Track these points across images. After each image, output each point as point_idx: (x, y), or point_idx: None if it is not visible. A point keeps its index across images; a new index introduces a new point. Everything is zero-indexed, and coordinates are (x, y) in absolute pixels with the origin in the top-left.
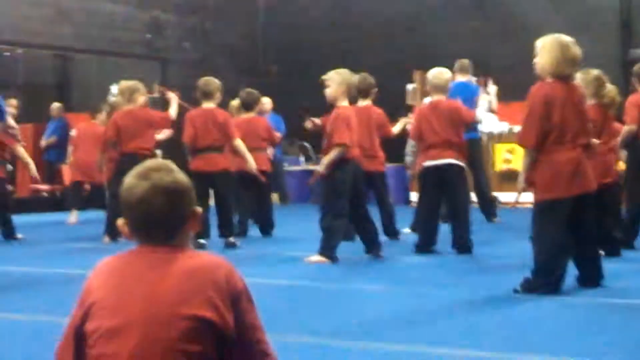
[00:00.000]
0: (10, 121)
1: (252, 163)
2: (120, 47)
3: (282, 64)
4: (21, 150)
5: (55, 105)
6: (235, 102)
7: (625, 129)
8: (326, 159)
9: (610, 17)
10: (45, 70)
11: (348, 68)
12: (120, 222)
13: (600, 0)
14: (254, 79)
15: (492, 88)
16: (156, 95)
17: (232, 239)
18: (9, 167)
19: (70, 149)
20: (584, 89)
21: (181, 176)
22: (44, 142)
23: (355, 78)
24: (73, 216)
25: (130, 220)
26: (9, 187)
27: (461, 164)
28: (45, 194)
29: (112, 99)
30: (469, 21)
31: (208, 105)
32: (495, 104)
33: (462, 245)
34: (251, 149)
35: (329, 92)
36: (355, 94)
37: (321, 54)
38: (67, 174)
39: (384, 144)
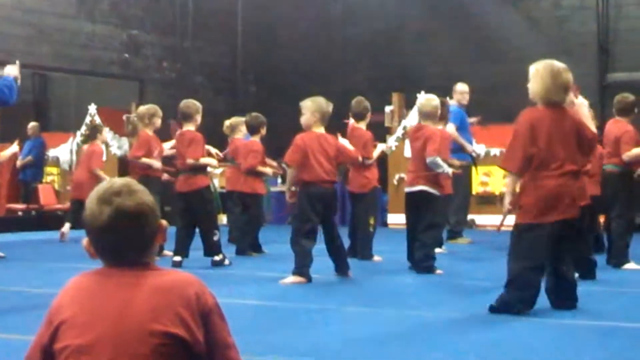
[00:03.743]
0: None
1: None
2: (98, 67)
3: (261, 84)
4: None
5: (32, 124)
6: (227, 122)
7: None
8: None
9: (589, 41)
10: (23, 89)
11: (326, 89)
12: (84, 242)
13: (579, 25)
14: (232, 99)
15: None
16: (134, 115)
17: (217, 258)
18: None
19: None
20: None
21: (143, 196)
22: (19, 162)
23: (329, 106)
24: (65, 228)
25: (97, 244)
26: None
27: (431, 190)
28: (20, 214)
29: (133, 119)
30: (448, 43)
31: (187, 127)
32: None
33: (420, 264)
34: (249, 172)
35: (303, 119)
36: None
37: (300, 75)
38: (43, 193)
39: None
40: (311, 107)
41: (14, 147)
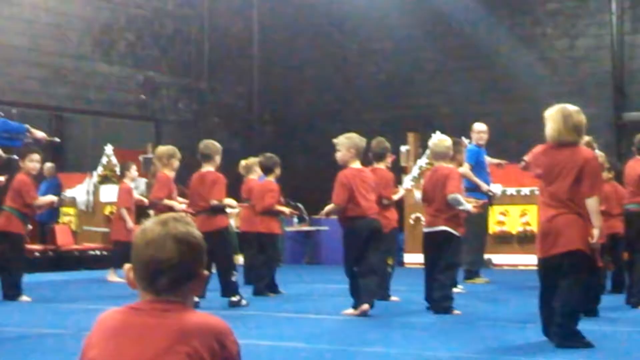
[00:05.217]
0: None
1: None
2: (114, 108)
3: (277, 125)
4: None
5: (49, 164)
6: (243, 163)
7: None
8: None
9: (604, 81)
10: (39, 130)
11: (342, 129)
12: (126, 266)
13: (595, 65)
14: (247, 139)
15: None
16: (150, 155)
17: (234, 298)
18: (29, 226)
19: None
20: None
21: (197, 232)
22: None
23: (363, 141)
24: (111, 275)
25: (137, 264)
26: None
27: (451, 230)
28: (37, 254)
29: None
30: (463, 83)
31: (207, 168)
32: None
33: (439, 305)
34: (264, 212)
35: (339, 156)
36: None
37: (315, 115)
38: (60, 234)
39: None
40: (346, 144)
41: (52, 197)
